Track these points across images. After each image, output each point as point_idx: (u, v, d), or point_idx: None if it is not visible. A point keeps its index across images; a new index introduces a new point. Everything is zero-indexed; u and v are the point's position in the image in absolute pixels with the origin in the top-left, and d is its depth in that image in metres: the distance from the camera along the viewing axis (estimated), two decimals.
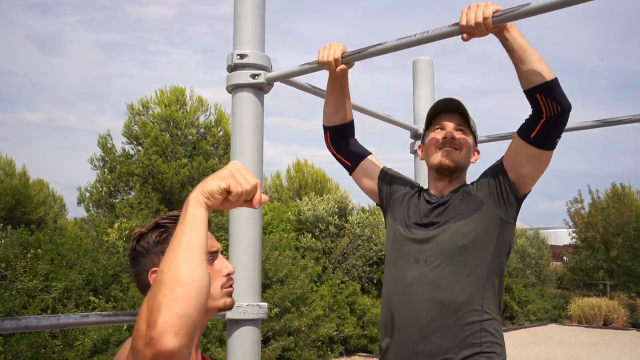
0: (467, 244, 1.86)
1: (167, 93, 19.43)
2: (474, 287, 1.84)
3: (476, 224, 1.88)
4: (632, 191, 24.34)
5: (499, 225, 1.90)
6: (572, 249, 23.28)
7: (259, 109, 2.18)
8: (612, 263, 20.82)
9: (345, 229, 12.84)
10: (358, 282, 12.39)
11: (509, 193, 1.90)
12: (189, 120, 19.14)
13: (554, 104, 1.73)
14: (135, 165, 18.17)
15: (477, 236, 1.87)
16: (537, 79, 1.73)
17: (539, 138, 1.79)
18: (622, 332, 17.22)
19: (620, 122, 2.62)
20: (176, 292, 0.97)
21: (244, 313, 2.03)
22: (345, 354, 11.75)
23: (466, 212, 1.90)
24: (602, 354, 12.85)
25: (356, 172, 2.20)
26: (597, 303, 18.60)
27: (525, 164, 1.85)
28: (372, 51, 1.90)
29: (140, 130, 18.60)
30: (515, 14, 1.62)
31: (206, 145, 19.06)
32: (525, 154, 1.84)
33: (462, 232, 1.88)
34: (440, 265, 1.86)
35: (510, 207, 1.91)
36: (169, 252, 1.03)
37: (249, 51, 2.16)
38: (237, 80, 2.16)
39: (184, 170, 18.15)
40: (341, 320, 11.41)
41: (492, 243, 1.89)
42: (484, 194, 1.93)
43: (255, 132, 2.15)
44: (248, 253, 2.09)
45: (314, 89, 2.35)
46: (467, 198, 1.95)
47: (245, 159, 2.13)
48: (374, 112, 2.76)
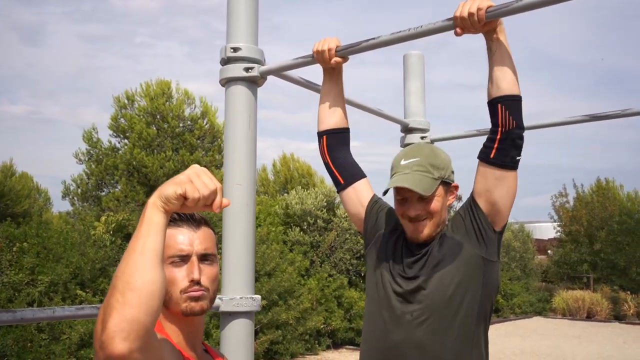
0: (452, 293, 1.80)
1: (153, 86, 19.33)
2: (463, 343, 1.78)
3: (458, 269, 1.82)
4: (615, 186, 24.61)
5: (483, 266, 1.83)
6: (557, 242, 23.53)
7: (253, 102, 2.19)
8: (595, 256, 21.08)
9: (333, 222, 12.88)
10: (345, 275, 12.44)
11: (485, 229, 1.84)
12: (175, 113, 19.06)
13: (511, 118, 1.75)
14: (121, 159, 18.09)
15: (461, 282, 1.81)
16: (505, 89, 1.75)
17: (498, 157, 1.78)
18: (605, 324, 17.46)
19: (608, 117, 2.66)
20: (127, 297, 0.98)
21: (238, 305, 2.04)
22: (332, 346, 11.81)
23: (447, 259, 1.83)
24: (585, 346, 13.02)
25: (347, 191, 2.09)
26: (580, 296, 18.84)
27: (492, 188, 1.80)
28: (366, 45, 1.92)
29: (127, 123, 18.49)
30: (509, 9, 1.65)
31: (192, 138, 18.98)
32: (490, 177, 1.80)
33: (446, 282, 1.81)
34: (427, 321, 1.79)
35: (491, 244, 1.85)
36: (124, 257, 1.04)
37: (242, 44, 2.16)
38: (230, 74, 2.16)
39: (169, 163, 18.08)
40: (328, 314, 11.46)
41: (478, 286, 1.82)
42: (461, 235, 1.86)
43: (249, 124, 2.16)
44: (241, 247, 2.10)
45: (307, 83, 2.36)
46: (445, 243, 1.87)
47: (239, 152, 2.14)
48: (364, 106, 2.77)
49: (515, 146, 1.77)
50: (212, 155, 19.50)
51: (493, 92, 1.78)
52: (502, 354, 11.29)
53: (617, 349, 12.80)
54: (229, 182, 2.14)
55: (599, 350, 12.51)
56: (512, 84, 1.76)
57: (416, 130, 3.20)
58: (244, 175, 2.13)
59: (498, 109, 1.76)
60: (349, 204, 2.10)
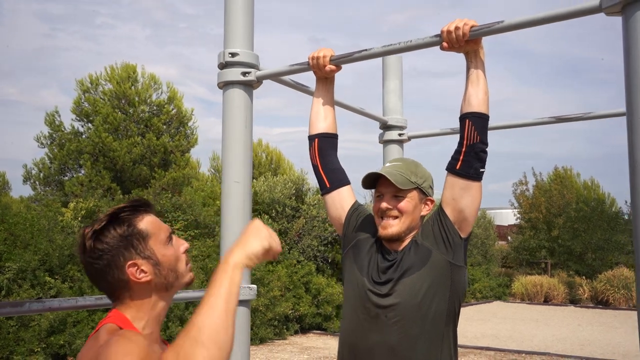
0: (422, 297, 1.93)
1: (118, 70, 19.08)
2: (433, 344, 1.93)
3: (428, 274, 1.95)
4: (573, 174, 25.43)
5: (450, 270, 1.97)
6: (517, 229, 24.22)
7: (249, 104, 2.33)
8: (553, 243, 21.83)
9: (301, 210, 13.06)
10: (313, 262, 12.65)
11: (452, 235, 1.98)
12: (141, 97, 18.89)
13: (476, 133, 1.93)
14: (86, 143, 17.85)
15: (430, 286, 1.94)
16: (474, 106, 1.95)
17: (463, 168, 1.95)
18: (562, 308, 18.16)
19: (572, 120, 2.89)
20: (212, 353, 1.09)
21: None
22: (300, 331, 12.05)
23: (417, 265, 1.97)
24: (543, 329, 13.57)
25: (331, 195, 2.21)
26: (538, 281, 19.52)
27: (458, 197, 1.97)
28: (359, 56, 2.07)
29: (91, 107, 18.23)
30: (491, 29, 1.83)
31: (159, 123, 18.86)
32: (457, 187, 1.97)
33: (416, 287, 1.94)
34: (399, 323, 1.92)
35: (457, 250, 1.99)
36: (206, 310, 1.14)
37: (240, 50, 2.29)
38: (228, 78, 2.30)
39: (136, 148, 17.95)
40: (297, 300, 11.67)
41: (446, 289, 1.96)
42: (430, 242, 2.00)
43: (245, 125, 2.30)
44: None
45: (298, 85, 2.50)
46: (415, 250, 2.00)
47: (236, 151, 2.28)
48: (344, 104, 2.90)
49: (478, 159, 1.95)
50: (179, 140, 19.43)
51: (464, 109, 1.97)
52: (464, 338, 11.69)
53: (573, 331, 13.39)
54: (227, 179, 2.28)
55: (555, 332, 13.07)
56: (482, 102, 1.95)
57: (394, 127, 3.38)
58: (241, 173, 2.27)
59: (466, 124, 1.95)
60: (331, 207, 2.24)
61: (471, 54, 1.96)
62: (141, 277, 1.31)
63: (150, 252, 1.34)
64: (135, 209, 1.37)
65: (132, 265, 1.31)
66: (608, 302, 18.42)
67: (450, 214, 1.99)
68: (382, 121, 3.40)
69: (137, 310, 1.33)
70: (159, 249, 1.35)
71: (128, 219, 1.34)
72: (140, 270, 1.32)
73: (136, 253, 1.32)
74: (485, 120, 1.96)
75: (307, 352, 10.21)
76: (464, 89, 1.98)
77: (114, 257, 1.30)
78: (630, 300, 18.29)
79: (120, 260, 1.30)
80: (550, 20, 1.73)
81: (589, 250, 21.03)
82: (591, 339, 12.35)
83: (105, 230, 1.31)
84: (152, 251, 1.34)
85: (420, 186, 2.06)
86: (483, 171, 1.98)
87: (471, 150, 1.94)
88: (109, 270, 1.30)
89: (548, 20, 1.73)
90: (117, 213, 1.34)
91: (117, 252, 1.30)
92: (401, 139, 3.37)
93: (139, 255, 1.32)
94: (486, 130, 1.96)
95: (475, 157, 1.94)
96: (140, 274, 1.31)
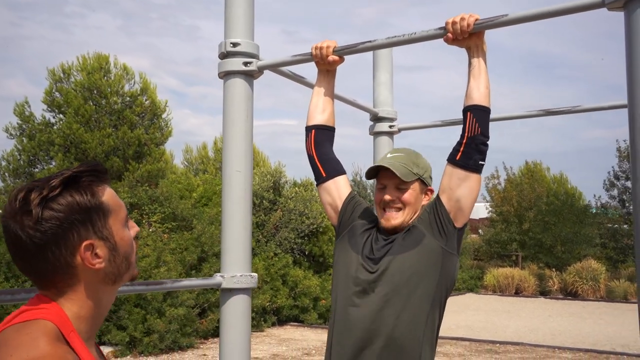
0: (410, 274, 1.97)
1: (90, 60, 18.77)
2: (417, 323, 1.97)
3: (419, 255, 1.99)
4: (543, 168, 25.91)
5: (442, 256, 2.01)
6: (488, 222, 24.59)
7: (250, 94, 2.34)
8: (524, 236, 22.24)
9: (278, 202, 13.06)
10: (290, 254, 12.68)
11: (446, 223, 2.02)
12: (114, 88, 18.61)
13: (477, 126, 1.97)
14: (57, 135, 17.55)
15: (420, 267, 1.98)
16: (476, 99, 2.00)
17: (463, 159, 1.99)
18: (532, 299, 18.54)
19: (562, 113, 2.96)
20: None
21: (238, 282, 2.21)
22: (277, 323, 12.07)
23: (409, 245, 2.01)
24: (515, 320, 13.85)
25: (327, 184, 2.23)
26: (510, 273, 19.88)
27: (455, 187, 2.01)
28: (362, 47, 2.10)
29: (63, 98, 17.92)
30: (494, 22, 1.87)
31: (132, 115, 18.62)
32: (455, 177, 2.02)
33: (406, 264, 1.98)
34: (387, 296, 1.96)
35: (450, 238, 2.03)
36: None
37: (241, 40, 2.30)
38: (229, 67, 2.30)
39: (109, 140, 17.71)
40: (274, 292, 11.69)
41: (436, 274, 1.99)
42: (424, 226, 2.04)
43: (247, 115, 2.31)
44: (241, 229, 2.26)
45: (297, 77, 2.52)
46: (411, 232, 2.05)
47: (237, 140, 2.29)
48: (337, 95, 2.92)
49: (479, 151, 2.00)
50: (153, 132, 19.22)
51: (466, 102, 2.02)
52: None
53: (543, 322, 13.69)
54: (228, 169, 2.29)
55: (527, 323, 13.35)
56: (483, 96, 2.00)
57: (385, 119, 3.42)
58: (242, 162, 2.29)
59: (467, 117, 1.99)
60: (327, 196, 2.25)
61: (473, 48, 2.00)
62: (95, 262, 1.04)
63: (108, 233, 1.06)
64: (97, 175, 1.07)
65: (89, 246, 1.03)
66: (577, 294, 18.86)
67: (447, 203, 2.03)
68: (373, 113, 3.43)
69: (80, 306, 1.05)
70: (117, 229, 1.08)
71: (90, 187, 1.05)
72: (95, 253, 1.04)
73: (94, 231, 1.04)
74: (487, 113, 2.01)
75: (285, 343, 10.25)
76: (467, 82, 2.03)
77: (65, 233, 1.01)
78: (597, 291, 18.75)
79: (73, 238, 1.02)
80: (554, 15, 1.78)
81: (558, 243, 21.49)
82: (561, 329, 12.65)
83: (60, 197, 1.01)
84: (110, 232, 1.07)
85: (422, 177, 2.10)
86: (483, 164, 2.02)
87: (472, 142, 1.98)
88: (53, 249, 1.00)
89: (551, 15, 1.79)
90: (75, 177, 1.04)
91: (71, 227, 1.01)
92: (391, 131, 3.41)
93: (96, 234, 1.04)
94: (487, 123, 2.01)
95: (475, 149, 1.99)
96: (94, 258, 1.04)
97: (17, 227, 0.99)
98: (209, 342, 10.00)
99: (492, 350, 10.01)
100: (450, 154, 2.04)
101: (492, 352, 9.77)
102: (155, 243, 9.40)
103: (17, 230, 1.00)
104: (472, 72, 2.01)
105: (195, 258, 9.97)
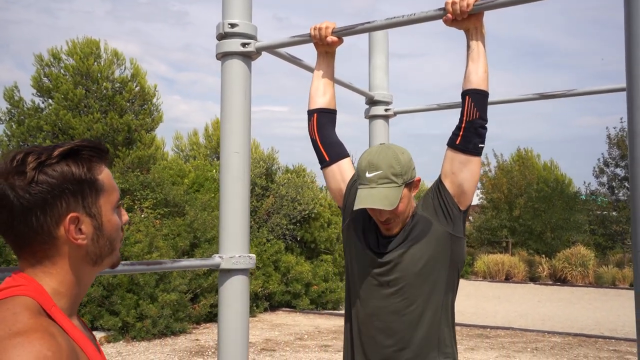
0: (423, 265, 1.99)
1: (80, 44, 18.59)
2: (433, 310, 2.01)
3: (429, 244, 2.00)
4: (533, 155, 26.04)
5: (450, 241, 2.02)
6: (479, 209, 24.72)
7: (248, 75, 2.33)
8: (514, 222, 22.39)
9: (270, 189, 13.06)
10: (282, 240, 12.71)
11: (451, 207, 2.02)
12: (104, 74, 18.46)
13: (475, 110, 1.97)
14: (46, 120, 17.42)
15: (431, 256, 2.00)
16: (474, 83, 1.99)
17: (463, 143, 1.99)
18: (522, 285, 18.71)
19: (556, 96, 2.97)
20: None
21: (236, 263, 2.22)
22: (269, 309, 12.13)
23: (419, 236, 2.01)
24: (504, 305, 13.99)
25: (331, 168, 2.23)
26: (500, 259, 20.04)
27: (457, 171, 2.01)
28: (361, 28, 2.10)
29: (53, 83, 17.76)
30: (495, 3, 1.87)
31: (122, 101, 18.49)
32: (456, 161, 2.01)
33: (417, 256, 1.99)
34: (401, 290, 1.99)
35: (456, 222, 2.03)
36: None
37: (239, 21, 2.29)
38: (227, 48, 2.29)
39: (97, 125, 17.59)
40: (266, 278, 11.72)
41: (446, 259, 2.02)
42: (429, 213, 2.04)
43: (245, 96, 2.31)
44: (239, 210, 2.26)
45: (294, 59, 2.51)
46: (417, 222, 2.04)
47: (235, 122, 2.29)
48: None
49: (478, 134, 2.00)
50: (143, 118, 19.10)
51: (464, 85, 2.01)
52: None
53: (533, 307, 13.83)
54: (226, 150, 2.29)
55: (517, 308, 13.48)
56: (481, 79, 1.99)
57: (380, 102, 3.42)
58: (240, 144, 2.29)
59: (466, 100, 1.99)
60: (331, 180, 2.25)
61: (472, 31, 1.99)
62: (77, 237, 1.02)
63: (97, 211, 1.05)
64: (97, 153, 1.07)
65: (74, 219, 1.01)
66: (566, 280, 19.05)
67: (450, 187, 2.03)
68: (369, 96, 3.43)
69: (60, 282, 1.03)
70: (106, 211, 1.07)
71: (88, 162, 1.04)
72: (79, 228, 1.03)
73: (82, 205, 1.03)
74: (485, 97, 2.00)
75: (277, 329, 10.30)
76: (465, 66, 2.02)
77: (54, 200, 0.99)
78: (586, 277, 18.95)
79: (60, 207, 1.00)
80: None
81: (548, 230, 21.65)
82: (551, 314, 12.78)
83: (56, 164, 1.00)
84: (99, 211, 1.05)
85: (407, 181, 2.02)
86: (482, 147, 2.02)
87: (470, 126, 1.98)
88: (38, 214, 0.99)
89: None
90: (76, 150, 1.03)
91: (61, 195, 1.00)
92: (387, 114, 3.41)
93: (84, 209, 1.03)
94: (486, 107, 2.00)
95: (474, 133, 1.99)
96: (77, 233, 1.02)
97: (7, 187, 0.98)
98: (201, 327, 10.03)
99: (482, 335, 10.11)
100: (450, 138, 2.03)
101: (482, 337, 9.87)
102: (148, 229, 9.38)
103: (5, 190, 0.98)
104: (471, 55, 2.00)
105: (187, 244, 9.97)
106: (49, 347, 0.87)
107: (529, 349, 8.93)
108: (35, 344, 0.87)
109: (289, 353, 8.39)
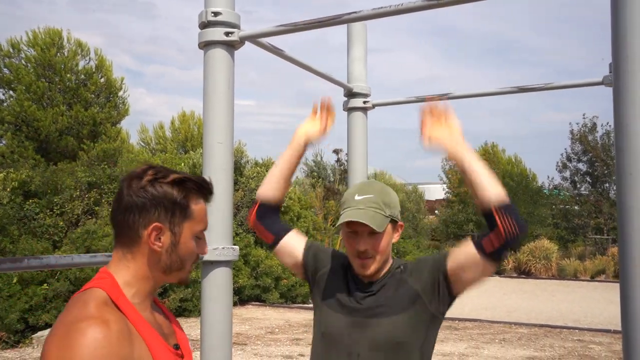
0: (400, 340, 1.86)
1: (41, 35, 18.12)
2: None
3: (410, 317, 1.87)
4: (499, 150, 26.47)
5: (430, 321, 1.90)
6: (446, 203, 25.05)
7: (231, 64, 2.30)
8: (480, 216, 22.71)
9: (239, 182, 12.98)
10: (252, 234, 12.65)
11: (445, 292, 1.90)
12: (67, 65, 18.03)
13: (514, 224, 1.75)
14: (7, 112, 16.93)
15: (410, 332, 1.87)
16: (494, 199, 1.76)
17: (494, 255, 1.81)
18: (488, 278, 19.00)
19: (534, 90, 3.02)
20: None
21: (220, 255, 2.19)
22: (239, 303, 12.07)
23: (401, 305, 1.89)
24: (472, 298, 14.13)
25: (280, 246, 2.11)
26: None
27: (468, 270, 1.86)
28: (348, 18, 2.09)
29: (13, 74, 17.26)
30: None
31: (87, 93, 18.11)
32: (473, 261, 1.83)
33: (396, 327, 1.87)
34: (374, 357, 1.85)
35: (444, 304, 1.92)
36: None
37: (222, 9, 2.25)
38: (210, 37, 2.25)
39: (63, 118, 17.20)
40: (236, 271, 11.66)
41: (421, 338, 1.89)
42: (420, 287, 1.91)
43: (228, 86, 2.27)
44: (223, 201, 2.23)
45: (276, 49, 2.49)
46: (400, 287, 1.92)
47: (218, 112, 2.25)
48: (311, 68, 2.88)
49: (513, 249, 1.93)
50: (109, 111, 18.74)
51: (484, 206, 1.79)
52: None
53: (499, 299, 14.09)
54: (209, 140, 2.25)
55: (484, 301, 13.71)
56: (497, 195, 1.77)
57: (359, 95, 3.41)
58: (223, 134, 2.25)
59: (497, 217, 1.75)
60: (285, 256, 2.13)
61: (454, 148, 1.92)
62: (155, 243, 1.27)
63: (178, 231, 1.30)
64: (200, 188, 1.35)
65: (158, 228, 1.27)
66: (530, 272, 19.45)
67: (452, 276, 1.89)
68: (348, 88, 3.42)
69: (133, 275, 1.29)
70: (187, 234, 1.32)
71: (188, 192, 1.32)
72: (159, 237, 1.28)
73: (168, 221, 1.28)
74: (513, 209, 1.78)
75: (247, 322, 10.26)
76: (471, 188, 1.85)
77: (150, 208, 1.27)
78: (549, 270, 19.38)
79: (152, 214, 1.27)
80: None
81: None
82: (516, 306, 13.05)
83: (165, 184, 1.29)
84: (180, 231, 1.31)
85: (393, 217, 1.93)
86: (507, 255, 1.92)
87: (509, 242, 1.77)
88: (136, 212, 1.27)
89: None
90: (184, 180, 1.31)
91: (157, 206, 1.27)
92: (365, 107, 3.41)
93: (169, 224, 1.29)
94: (518, 214, 1.79)
95: (512, 248, 1.88)
96: (156, 239, 1.27)
97: (125, 186, 1.29)
98: None
99: (451, 327, 10.25)
100: (482, 240, 1.81)
101: (451, 329, 10.01)
102: None
103: (124, 187, 1.29)
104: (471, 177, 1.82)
105: None
106: (100, 330, 1.12)
107: (497, 340, 9.09)
108: (90, 329, 1.12)
109: (260, 347, 8.37)
